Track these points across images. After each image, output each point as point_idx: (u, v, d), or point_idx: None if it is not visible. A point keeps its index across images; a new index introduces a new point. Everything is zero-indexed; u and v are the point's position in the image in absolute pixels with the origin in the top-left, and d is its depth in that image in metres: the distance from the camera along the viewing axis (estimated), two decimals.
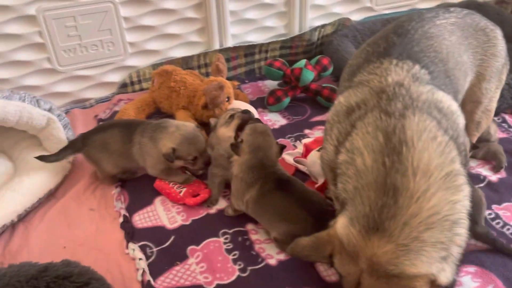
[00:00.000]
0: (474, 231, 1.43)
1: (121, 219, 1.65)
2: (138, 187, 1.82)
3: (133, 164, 1.80)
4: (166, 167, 1.74)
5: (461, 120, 1.26)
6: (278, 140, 2.02)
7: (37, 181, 1.74)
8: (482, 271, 1.40)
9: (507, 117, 2.15)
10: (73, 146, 1.80)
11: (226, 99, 2.02)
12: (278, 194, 1.45)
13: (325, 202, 1.48)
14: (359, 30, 2.59)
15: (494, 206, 1.65)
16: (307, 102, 2.33)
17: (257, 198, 1.47)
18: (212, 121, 1.76)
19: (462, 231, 1.04)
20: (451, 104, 1.25)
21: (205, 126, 2.04)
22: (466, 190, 1.09)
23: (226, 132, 1.65)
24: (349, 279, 1.07)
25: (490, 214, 1.62)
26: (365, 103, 1.22)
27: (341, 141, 1.23)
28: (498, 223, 1.58)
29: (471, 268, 1.41)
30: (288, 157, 1.88)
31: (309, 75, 2.14)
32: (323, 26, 2.62)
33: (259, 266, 1.42)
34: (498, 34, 1.61)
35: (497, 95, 1.74)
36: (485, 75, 1.60)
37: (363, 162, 1.09)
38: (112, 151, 1.76)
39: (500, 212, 1.63)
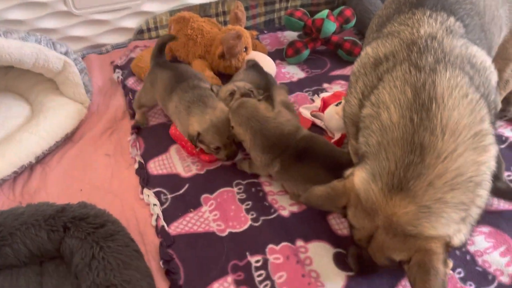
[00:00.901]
0: (496, 187, 1.39)
1: (136, 165, 1.67)
2: (153, 134, 1.82)
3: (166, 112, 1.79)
4: None
5: (493, 77, 1.20)
6: (295, 94, 2.00)
7: (54, 124, 1.75)
8: (496, 231, 1.39)
9: None
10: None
11: (244, 49, 1.97)
12: (301, 165, 1.41)
13: (347, 156, 1.43)
14: None
15: None
16: (327, 55, 2.26)
17: (281, 172, 1.44)
18: (215, 88, 1.70)
19: (484, 193, 1.02)
20: (485, 60, 1.19)
21: (222, 77, 2.01)
22: (493, 150, 1.05)
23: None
24: (361, 232, 1.06)
25: (509, 175, 1.59)
26: (394, 55, 1.17)
27: (366, 95, 1.19)
28: None
29: (485, 229, 1.40)
30: (305, 111, 1.85)
31: (331, 26, 2.06)
32: None
33: (272, 216, 1.44)
34: None
35: None
36: None
37: (389, 117, 1.06)
38: (156, 90, 1.76)
39: None
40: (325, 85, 2.06)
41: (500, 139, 1.72)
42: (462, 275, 1.27)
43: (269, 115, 1.46)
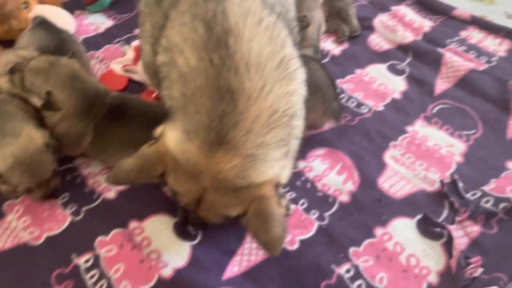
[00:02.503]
0: (330, 109, 1.36)
1: None
2: None
3: None
4: None
5: None
6: (104, 48, 1.73)
7: None
8: (330, 151, 1.39)
9: None
10: None
11: (23, 5, 1.59)
12: (117, 127, 1.22)
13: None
14: None
15: (338, 81, 1.61)
16: None
17: (94, 141, 1.23)
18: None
19: (299, 123, 0.98)
20: None
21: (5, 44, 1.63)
22: (300, 75, 0.98)
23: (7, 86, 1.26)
24: (188, 196, 0.93)
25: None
26: None
27: (157, 38, 1.00)
28: (343, 97, 1.55)
29: (320, 151, 1.38)
30: (116, 66, 1.60)
31: None
32: None
33: (95, 204, 1.23)
34: None
35: None
36: None
37: (187, 62, 0.90)
38: None
39: (344, 86, 1.60)
40: (138, 31, 1.80)
41: (321, 54, 1.70)
42: (305, 205, 1.25)
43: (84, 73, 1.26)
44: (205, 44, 0.88)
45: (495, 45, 1.75)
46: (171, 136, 0.91)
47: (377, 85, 1.60)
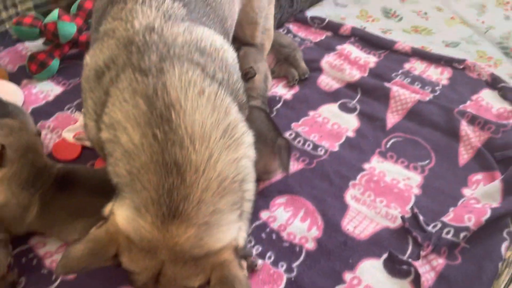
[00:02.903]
0: (276, 148, 1.37)
1: None
2: None
3: None
4: None
5: (229, 55, 1.12)
6: (55, 116, 1.70)
7: None
8: (292, 197, 1.39)
9: (290, 26, 2.12)
10: None
11: None
12: (65, 194, 1.19)
13: None
14: None
15: (293, 125, 1.64)
16: (83, 58, 1.96)
17: (41, 213, 1.18)
18: None
19: (250, 186, 0.98)
20: (215, 40, 1.08)
21: None
22: (247, 139, 1.00)
23: None
24: (146, 274, 0.90)
25: (290, 134, 1.60)
26: (114, 61, 0.98)
27: (100, 114, 0.99)
28: (299, 141, 1.57)
29: (282, 199, 1.38)
30: (68, 134, 1.56)
31: (69, 27, 1.76)
32: None
33: (55, 285, 1.17)
34: None
35: (271, 11, 1.66)
36: None
37: (130, 139, 0.89)
38: None
39: (299, 129, 1.62)
40: None
41: (274, 100, 1.73)
42: (273, 258, 1.23)
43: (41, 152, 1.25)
44: (147, 120, 0.88)
45: (437, 74, 1.83)
46: (121, 215, 0.89)
47: (331, 125, 1.64)
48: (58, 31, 1.74)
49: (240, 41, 1.63)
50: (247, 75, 1.50)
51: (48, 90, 1.82)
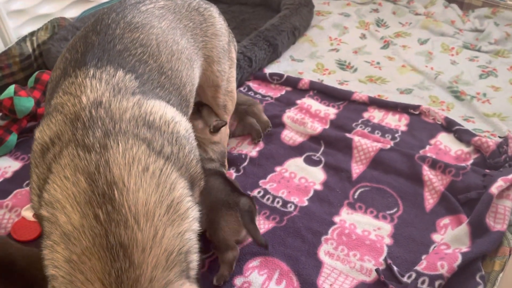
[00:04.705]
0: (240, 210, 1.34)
1: None
2: None
3: None
4: None
5: (181, 127, 1.10)
6: (14, 194, 1.63)
7: None
8: (266, 259, 1.36)
9: (251, 84, 2.17)
10: None
11: None
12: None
13: None
14: (80, 28, 2.24)
15: (261, 182, 1.63)
16: None
17: None
18: None
19: (194, 257, 0.95)
20: (165, 113, 1.07)
21: None
22: (192, 213, 0.97)
23: None
24: None
25: (259, 192, 1.60)
26: (60, 137, 0.95)
27: (42, 190, 0.95)
28: (268, 198, 1.57)
29: (256, 262, 1.35)
30: (28, 213, 1.50)
31: (25, 103, 1.74)
32: (33, 33, 2.18)
33: None
34: (213, 12, 1.52)
35: (233, 74, 1.69)
36: (213, 57, 1.50)
37: (69, 221, 0.84)
38: None
39: (267, 186, 1.62)
40: None
41: (240, 158, 1.73)
42: None
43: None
44: (88, 199, 0.84)
45: (395, 121, 1.90)
46: None
47: (298, 179, 1.65)
48: (15, 107, 1.71)
49: (203, 103, 1.65)
50: (217, 126, 1.54)
51: (6, 166, 1.76)
